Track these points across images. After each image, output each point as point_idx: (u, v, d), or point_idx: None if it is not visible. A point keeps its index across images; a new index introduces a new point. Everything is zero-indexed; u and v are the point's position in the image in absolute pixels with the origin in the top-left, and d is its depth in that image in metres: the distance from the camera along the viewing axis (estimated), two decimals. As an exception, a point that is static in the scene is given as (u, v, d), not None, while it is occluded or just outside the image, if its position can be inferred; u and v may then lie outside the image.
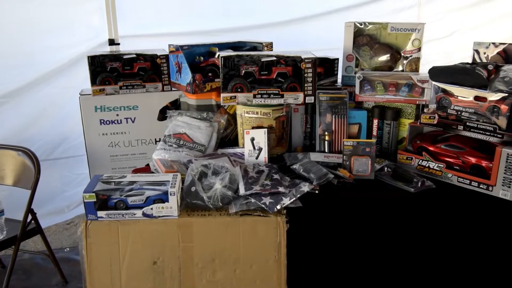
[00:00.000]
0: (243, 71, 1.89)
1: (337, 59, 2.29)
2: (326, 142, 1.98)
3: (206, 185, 1.63)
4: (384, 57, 2.15)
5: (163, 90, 2.30)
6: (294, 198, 1.60)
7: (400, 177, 1.82)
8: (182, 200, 1.61)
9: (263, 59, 1.90)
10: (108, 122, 2.32)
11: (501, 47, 2.01)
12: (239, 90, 1.87)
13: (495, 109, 1.67)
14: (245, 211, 1.57)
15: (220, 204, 1.59)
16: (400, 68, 2.14)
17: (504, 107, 1.65)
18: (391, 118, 2.00)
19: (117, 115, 2.32)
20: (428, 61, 2.53)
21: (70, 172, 3.05)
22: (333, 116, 1.98)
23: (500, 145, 1.64)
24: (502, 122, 1.66)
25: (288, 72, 1.91)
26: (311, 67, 1.86)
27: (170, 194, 1.52)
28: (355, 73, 2.11)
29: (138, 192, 1.55)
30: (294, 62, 1.92)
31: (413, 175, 1.79)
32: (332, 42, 2.30)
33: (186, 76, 2.00)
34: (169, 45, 2.14)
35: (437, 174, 1.80)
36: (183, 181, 1.65)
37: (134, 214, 1.54)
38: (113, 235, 1.55)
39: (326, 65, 2.29)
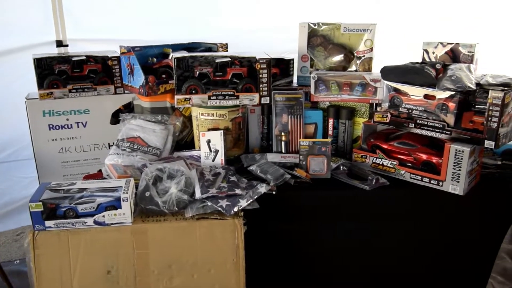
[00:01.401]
0: (198, 73, 1.86)
1: (292, 59, 2.30)
2: (282, 142, 1.98)
3: (161, 190, 1.59)
4: (338, 57, 2.18)
5: (115, 93, 2.23)
6: (251, 200, 1.58)
7: (356, 175, 1.84)
8: (136, 206, 1.56)
9: (217, 60, 1.87)
10: (57, 127, 2.22)
11: (448, 47, 2.09)
12: (193, 91, 1.84)
13: (444, 107, 1.73)
14: (201, 214, 1.54)
15: (176, 208, 1.56)
16: (354, 68, 2.18)
17: (451, 105, 1.71)
18: (346, 117, 2.03)
19: (67, 119, 2.23)
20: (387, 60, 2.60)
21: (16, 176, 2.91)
22: (289, 116, 1.99)
23: (448, 142, 1.70)
24: (450, 119, 1.72)
25: (243, 73, 1.89)
26: (265, 68, 1.85)
27: (123, 200, 1.47)
28: (310, 73, 2.13)
29: (89, 200, 1.49)
30: (249, 63, 1.91)
31: (368, 173, 1.82)
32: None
33: (139, 78, 1.95)
34: (120, 46, 2.07)
35: (391, 171, 1.84)
36: (136, 186, 1.60)
37: (85, 223, 1.48)
38: (63, 246, 1.48)
39: (281, 66, 2.30)
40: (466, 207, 1.74)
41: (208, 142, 1.84)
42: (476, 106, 1.68)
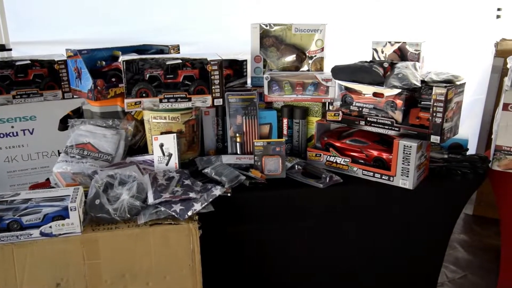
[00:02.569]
0: (148, 75, 1.82)
1: (246, 60, 2.29)
2: (237, 143, 1.97)
3: (113, 197, 1.54)
4: (290, 58, 2.20)
5: (63, 98, 2.15)
6: (206, 203, 1.56)
7: (310, 173, 1.86)
8: (86, 214, 1.51)
9: (168, 62, 1.84)
10: (1, 135, 2.11)
11: (396, 46, 2.15)
12: (144, 95, 1.80)
13: (392, 104, 1.77)
14: (155, 220, 1.51)
15: (128, 215, 1.51)
16: (306, 67, 2.20)
17: (399, 102, 1.76)
18: (300, 116, 2.05)
19: (12, 127, 2.12)
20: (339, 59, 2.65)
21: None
22: (244, 117, 1.98)
23: (397, 138, 1.75)
24: (398, 116, 1.77)
25: (195, 75, 1.87)
26: (217, 69, 1.84)
27: (71, 210, 1.41)
28: (264, 74, 2.13)
29: (34, 210, 1.42)
30: (201, 65, 1.89)
31: (322, 171, 1.85)
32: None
33: (87, 82, 1.89)
34: (66, 50, 2.00)
35: (344, 168, 1.88)
36: (86, 194, 1.54)
37: (31, 235, 1.41)
38: (7, 260, 1.40)
39: (235, 67, 2.29)
40: (416, 201, 1.79)
41: (161, 146, 1.80)
42: (422, 103, 1.73)
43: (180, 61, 1.85)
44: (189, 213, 1.52)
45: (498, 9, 3.54)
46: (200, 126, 2.02)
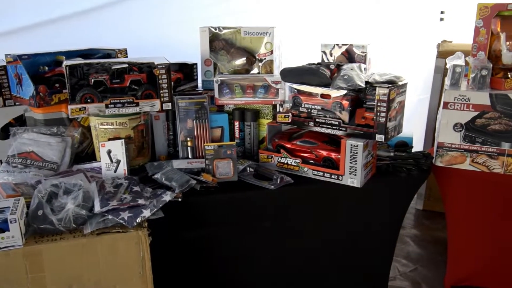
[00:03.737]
0: (93, 80, 1.78)
1: (196, 64, 2.28)
2: (188, 148, 1.96)
3: (57, 207, 1.49)
4: (241, 61, 2.20)
5: (4, 106, 2.05)
6: (155, 209, 1.54)
7: (262, 175, 1.87)
8: (28, 226, 1.44)
9: (114, 67, 1.81)
10: None
11: (344, 48, 2.20)
12: (89, 100, 1.75)
13: (339, 105, 1.82)
14: (102, 229, 1.47)
15: (74, 225, 1.46)
16: (256, 70, 2.22)
17: (345, 103, 1.80)
18: (251, 119, 2.06)
19: (-51, 137, 2.01)
20: (289, 61, 2.68)
21: None
22: (194, 121, 1.97)
23: (344, 138, 1.79)
24: (345, 116, 1.81)
25: (142, 79, 1.84)
26: (165, 73, 1.82)
27: (11, 222, 1.35)
28: (214, 77, 2.13)
29: (-29, 224, 1.35)
30: (149, 69, 1.87)
31: (274, 173, 1.86)
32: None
33: (28, 89, 1.81)
34: (6, 55, 1.91)
35: (295, 169, 1.90)
36: (28, 205, 1.48)
37: (-33, 250, 1.34)
38: None
39: (185, 71, 2.27)
40: (364, 198, 1.84)
41: (109, 152, 1.76)
42: (367, 103, 1.79)
43: (126, 65, 1.82)
44: (138, 220, 1.49)
45: (442, 12, 3.70)
46: (150, 131, 1.99)
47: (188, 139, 1.95)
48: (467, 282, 2.25)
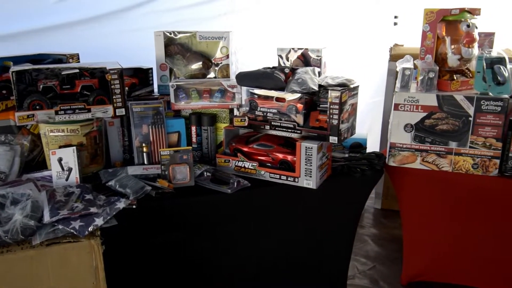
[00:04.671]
0: (41, 86, 1.72)
1: (151, 68, 2.26)
2: (144, 154, 1.93)
3: (4, 218, 1.43)
4: (197, 65, 2.20)
5: None
6: (108, 217, 1.51)
7: (219, 179, 1.87)
8: (-28, 239, 1.38)
9: (64, 72, 1.76)
10: None
11: (299, 52, 2.24)
12: (37, 107, 1.70)
13: (293, 108, 1.84)
14: (52, 240, 1.42)
15: (22, 236, 1.41)
16: (213, 74, 2.22)
17: (300, 106, 1.83)
18: (208, 123, 2.05)
19: None
20: (244, 66, 2.70)
21: None
22: (150, 126, 1.94)
23: (299, 140, 1.82)
24: (300, 119, 1.84)
25: (94, 85, 1.80)
26: (117, 78, 1.79)
27: (-49, 236, 1.29)
28: (170, 82, 2.11)
29: None
30: (101, 74, 1.83)
31: (231, 177, 1.87)
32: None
33: (-28, 96, 1.74)
34: (-50, 61, 1.83)
35: (252, 172, 1.91)
36: (-28, 217, 1.42)
37: None
38: None
39: (140, 75, 2.24)
40: (320, 199, 1.87)
41: (60, 160, 1.71)
42: (321, 106, 1.83)
43: (77, 70, 1.77)
44: (90, 229, 1.45)
45: (395, 17, 3.83)
46: (104, 137, 1.95)
47: (144, 144, 1.93)
48: (422, 277, 2.33)
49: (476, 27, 1.98)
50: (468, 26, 1.95)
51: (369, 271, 2.55)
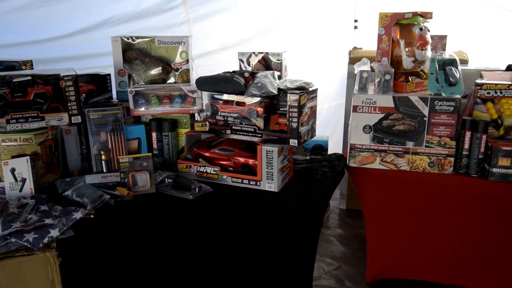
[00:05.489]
0: (-9, 95, 1.66)
1: (109, 74, 2.21)
2: (103, 162, 1.89)
3: (-48, 233, 1.37)
4: (156, 70, 2.17)
5: None
6: (64, 228, 1.47)
7: (181, 185, 1.85)
8: None
9: (15, 80, 1.70)
10: None
11: (260, 56, 2.25)
12: (-13, 116, 1.63)
13: (254, 112, 1.85)
14: (4, 253, 1.37)
15: (-29, 252, 1.35)
16: (173, 80, 2.20)
17: (260, 109, 1.84)
18: (168, 129, 2.03)
19: None
20: (206, 71, 2.69)
21: None
22: (108, 134, 1.91)
23: (260, 144, 1.83)
24: (260, 123, 1.85)
25: (48, 92, 1.75)
26: (72, 85, 1.74)
27: None
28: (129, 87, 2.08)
29: None
30: (55, 81, 1.78)
31: (193, 182, 1.85)
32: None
33: None
34: None
35: (214, 177, 1.90)
36: None
37: None
38: None
39: (98, 82, 2.19)
40: (283, 202, 1.88)
41: (13, 171, 1.65)
42: (280, 109, 1.84)
43: (29, 77, 1.72)
44: (45, 241, 1.41)
45: (355, 21, 3.91)
46: (61, 146, 1.90)
47: (102, 152, 1.88)
48: (386, 274, 2.38)
49: (429, 30, 2.05)
50: (421, 29, 2.01)
51: (334, 271, 2.58)
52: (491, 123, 1.97)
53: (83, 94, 2.06)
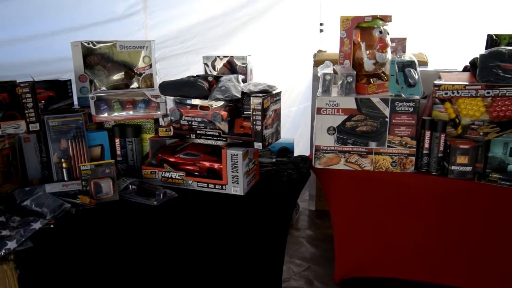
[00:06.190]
0: None
1: (69, 80, 2.16)
2: (64, 170, 1.84)
3: None
4: (119, 75, 2.14)
5: None
6: (22, 239, 1.42)
7: (145, 192, 1.83)
8: None
9: (-32, 87, 1.64)
10: None
11: (225, 60, 2.25)
12: None
13: (218, 116, 1.85)
14: (-43, 268, 1.31)
15: None
16: (136, 85, 2.17)
17: (224, 113, 1.83)
18: (132, 135, 2.01)
19: None
20: (170, 75, 2.67)
21: None
22: (69, 141, 1.86)
23: (225, 147, 1.82)
24: (225, 126, 1.84)
25: (4, 99, 1.69)
26: (29, 92, 1.70)
27: None
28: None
29: None
30: (12, 87, 1.72)
31: (157, 188, 1.83)
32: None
33: None
34: None
35: (179, 182, 1.89)
36: None
37: None
38: None
39: (58, 88, 2.14)
40: (249, 205, 1.87)
41: (-33, 181, 1.59)
42: (244, 113, 1.85)
43: (-17, 85, 1.66)
44: (1, 254, 1.36)
45: (321, 24, 3.98)
46: (20, 154, 1.84)
47: (63, 160, 1.84)
48: (354, 273, 2.42)
49: (388, 33, 2.10)
50: (381, 32, 2.06)
51: (304, 272, 2.60)
52: (449, 123, 2.04)
53: (42, 101, 2.01)
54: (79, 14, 2.54)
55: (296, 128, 3.68)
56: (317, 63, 3.01)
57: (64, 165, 1.83)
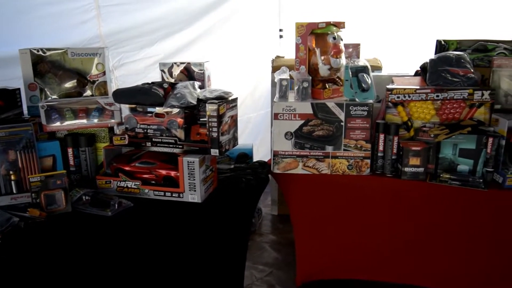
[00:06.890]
0: None
1: (18, 89, 2.07)
2: (13, 182, 1.76)
3: None
4: (71, 83, 2.08)
5: None
6: (-35, 257, 1.35)
7: (100, 202, 1.78)
8: None
9: None
10: None
11: (182, 66, 2.23)
12: None
13: (174, 123, 1.82)
14: None
15: None
16: (89, 92, 2.11)
17: (180, 120, 1.82)
18: (85, 144, 1.95)
19: None
20: (128, 83, 2.61)
21: None
22: (18, 152, 1.79)
23: (182, 155, 1.80)
24: (181, 134, 1.82)
25: None
26: (-28, 101, 1.62)
27: None
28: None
29: None
30: (-46, 97, 1.64)
31: (112, 198, 1.78)
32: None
33: None
34: None
35: (136, 192, 1.85)
36: None
37: None
38: None
39: (6, 97, 2.05)
40: (207, 212, 1.86)
41: None
42: (201, 119, 1.84)
43: None
44: None
45: (280, 30, 4.02)
46: (-37, 167, 1.75)
47: (11, 172, 1.76)
48: (315, 276, 2.44)
49: (342, 39, 2.14)
50: (334, 38, 2.10)
51: (266, 277, 2.61)
52: (402, 126, 2.10)
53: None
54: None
55: (257, 134, 3.69)
56: (275, 68, 3.04)
57: (12, 177, 1.76)
